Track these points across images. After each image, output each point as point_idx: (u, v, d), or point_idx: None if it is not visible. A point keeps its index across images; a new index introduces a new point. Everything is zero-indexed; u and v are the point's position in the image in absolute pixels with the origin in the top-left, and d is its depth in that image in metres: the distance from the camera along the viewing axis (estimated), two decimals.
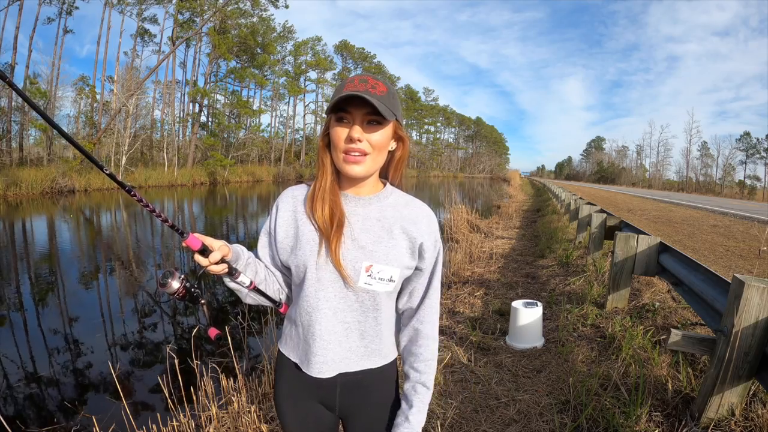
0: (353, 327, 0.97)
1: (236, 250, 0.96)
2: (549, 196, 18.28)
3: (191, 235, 0.84)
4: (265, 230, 1.04)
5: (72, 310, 4.92)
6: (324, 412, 1.05)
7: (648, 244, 3.52)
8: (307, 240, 0.96)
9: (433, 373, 1.02)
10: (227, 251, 0.90)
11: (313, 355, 0.97)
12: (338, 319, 0.95)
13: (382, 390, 1.04)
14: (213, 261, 0.86)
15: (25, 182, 16.70)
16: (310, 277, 0.94)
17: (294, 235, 0.99)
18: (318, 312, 0.95)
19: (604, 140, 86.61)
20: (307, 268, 0.95)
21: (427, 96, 73.11)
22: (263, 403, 2.52)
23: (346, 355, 0.98)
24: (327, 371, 0.97)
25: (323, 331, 0.95)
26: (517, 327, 3.27)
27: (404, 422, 0.99)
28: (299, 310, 0.99)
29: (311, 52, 42.79)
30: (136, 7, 30.58)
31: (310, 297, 0.95)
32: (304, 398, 1.04)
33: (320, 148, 0.96)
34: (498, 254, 6.72)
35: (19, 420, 2.71)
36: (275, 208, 1.02)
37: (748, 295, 1.80)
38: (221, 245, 0.89)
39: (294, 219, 1.00)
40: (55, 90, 27.44)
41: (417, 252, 0.97)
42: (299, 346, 1.01)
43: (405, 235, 0.96)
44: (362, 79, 0.89)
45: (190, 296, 0.91)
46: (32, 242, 8.90)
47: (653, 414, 2.14)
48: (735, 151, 55.69)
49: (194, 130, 31.70)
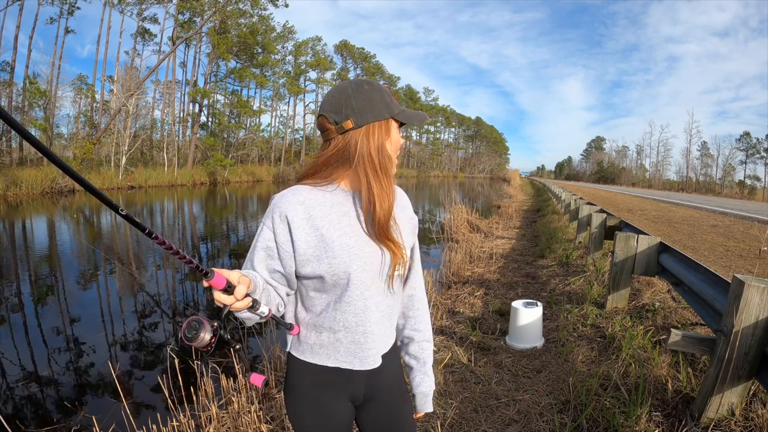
0: (386, 313, 1.03)
1: (254, 278, 0.85)
2: (549, 196, 18.28)
3: (216, 274, 0.72)
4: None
5: (72, 310, 4.92)
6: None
7: (648, 244, 3.52)
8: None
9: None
10: (248, 282, 0.78)
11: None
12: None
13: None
14: (239, 297, 0.75)
15: (25, 182, 16.71)
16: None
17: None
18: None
19: (604, 140, 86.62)
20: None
21: (428, 96, 73.18)
22: (263, 403, 2.52)
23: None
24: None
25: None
26: (517, 327, 3.27)
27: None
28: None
29: (311, 52, 42.82)
30: (136, 7, 30.64)
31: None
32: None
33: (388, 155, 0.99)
34: (498, 254, 6.72)
35: (19, 420, 2.71)
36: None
37: (748, 295, 1.80)
38: (240, 277, 0.77)
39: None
40: (55, 90, 27.46)
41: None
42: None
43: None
44: (389, 92, 0.99)
45: (220, 342, 0.77)
46: (32, 242, 8.90)
47: (653, 414, 2.14)
48: (735, 151, 55.74)
49: (194, 130, 31.72)
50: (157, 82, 31.99)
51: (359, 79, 1.08)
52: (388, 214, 0.95)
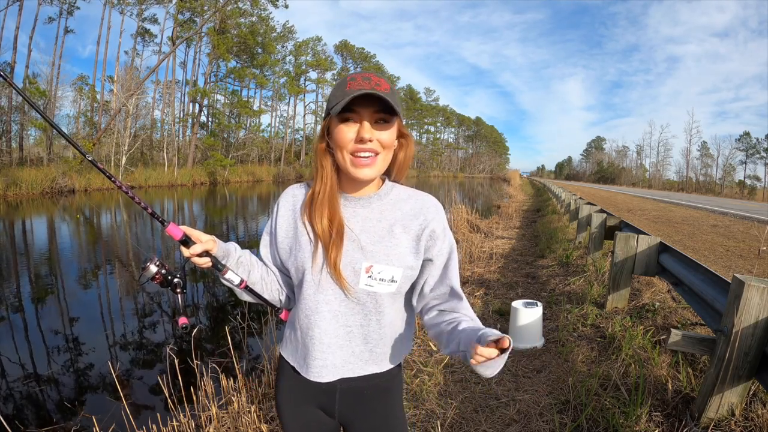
0: (356, 331, 0.94)
1: (226, 247, 0.97)
2: (549, 196, 18.27)
3: (171, 224, 0.88)
4: (267, 229, 1.03)
5: (72, 310, 4.92)
6: (324, 418, 1.03)
7: (648, 244, 3.52)
8: (306, 242, 0.94)
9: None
10: (212, 246, 0.92)
11: (312, 359, 0.95)
12: (339, 323, 0.93)
13: (383, 398, 1.01)
14: (193, 253, 0.89)
15: (25, 182, 16.69)
16: (308, 279, 0.92)
17: (293, 236, 0.97)
18: (317, 315, 0.93)
19: (604, 140, 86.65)
20: (305, 271, 0.92)
21: (428, 96, 73.23)
22: (263, 403, 2.52)
23: (349, 359, 0.95)
24: (326, 375, 0.95)
25: (323, 335, 0.93)
26: (517, 327, 3.27)
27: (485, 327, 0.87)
28: (298, 313, 0.97)
29: (311, 52, 42.82)
30: (136, 7, 30.61)
31: (308, 300, 0.93)
32: (304, 403, 1.02)
33: (319, 151, 0.91)
34: (498, 254, 6.72)
35: (19, 420, 2.71)
36: (276, 207, 1.02)
37: (748, 295, 1.80)
38: (208, 239, 0.91)
39: (294, 219, 0.98)
40: (55, 90, 27.45)
41: (424, 244, 0.93)
42: (298, 350, 0.99)
43: (407, 233, 0.93)
44: (365, 76, 0.85)
45: (168, 283, 0.94)
46: (32, 242, 8.89)
47: (653, 414, 2.14)
48: (735, 151, 55.77)
49: (194, 130, 31.69)
50: (157, 82, 32.00)
51: None
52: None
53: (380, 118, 0.86)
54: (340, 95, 0.85)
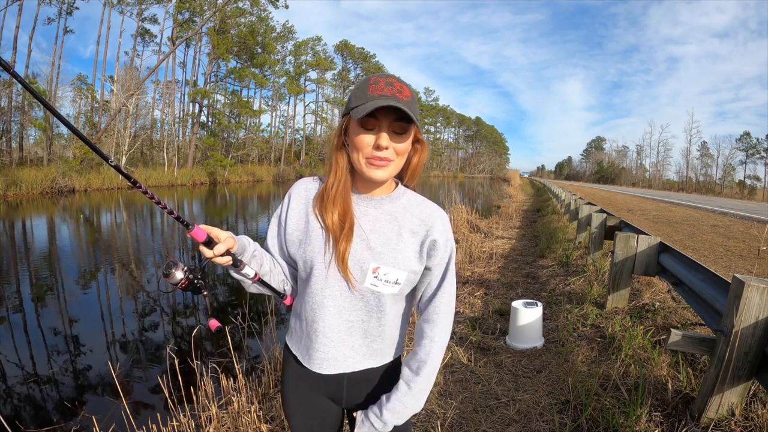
0: (356, 326, 0.97)
1: (242, 242, 0.96)
2: (549, 196, 18.27)
3: (197, 227, 0.85)
4: (275, 219, 1.03)
5: (72, 310, 4.92)
6: (330, 406, 1.06)
7: (648, 244, 3.52)
8: (317, 236, 0.95)
9: (422, 376, 0.95)
10: (233, 243, 0.90)
11: (314, 351, 0.98)
12: (342, 317, 0.95)
13: (388, 386, 1.03)
14: (217, 253, 0.87)
15: (25, 182, 16.69)
16: (317, 274, 0.94)
17: (304, 229, 0.98)
18: (323, 309, 0.95)
19: (604, 140, 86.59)
20: (314, 265, 0.94)
21: (428, 96, 73.15)
22: (263, 403, 2.52)
23: (349, 354, 0.98)
24: (327, 368, 0.98)
25: (326, 329, 0.96)
26: (517, 327, 3.27)
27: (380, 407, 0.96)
28: (304, 305, 0.99)
29: (311, 52, 42.81)
30: (136, 7, 30.60)
31: (315, 294, 0.95)
32: (309, 391, 1.04)
33: (334, 147, 0.93)
34: (498, 254, 6.72)
35: (19, 420, 2.71)
36: (287, 198, 1.01)
37: (748, 295, 1.80)
38: (227, 237, 0.89)
39: (305, 213, 0.99)
40: (55, 89, 27.44)
41: (426, 252, 0.95)
42: (301, 341, 1.02)
43: (414, 237, 0.95)
44: (388, 81, 0.86)
45: (193, 287, 0.91)
46: (32, 242, 8.89)
47: (653, 414, 2.14)
48: (735, 151, 55.75)
49: (194, 130, 31.68)
50: (157, 82, 32.00)
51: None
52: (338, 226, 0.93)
53: (399, 126, 0.87)
54: (362, 98, 0.85)
